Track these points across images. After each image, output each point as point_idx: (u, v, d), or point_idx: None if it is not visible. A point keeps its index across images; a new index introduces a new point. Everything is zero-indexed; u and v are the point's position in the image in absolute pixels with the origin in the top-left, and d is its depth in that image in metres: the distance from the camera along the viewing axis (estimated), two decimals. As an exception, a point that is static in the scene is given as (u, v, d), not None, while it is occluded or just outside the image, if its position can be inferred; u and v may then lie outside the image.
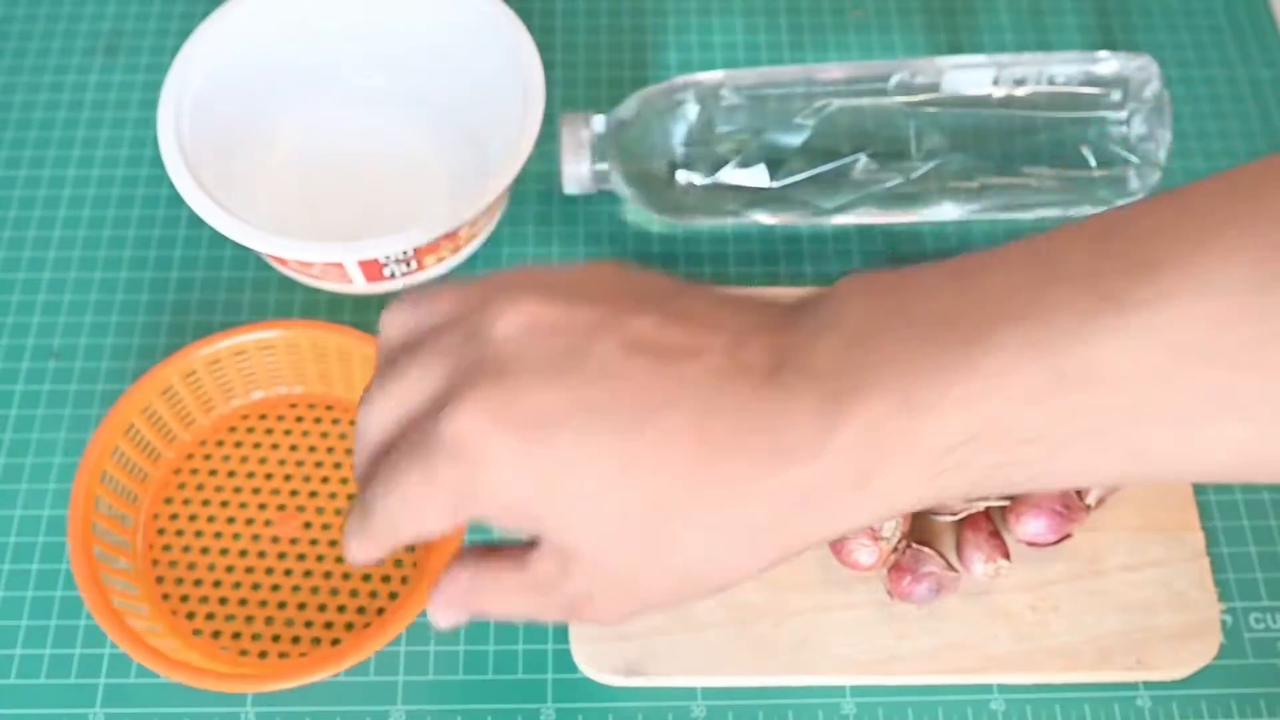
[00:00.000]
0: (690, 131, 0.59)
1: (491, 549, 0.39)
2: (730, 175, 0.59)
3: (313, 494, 0.56)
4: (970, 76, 0.60)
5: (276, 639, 0.53)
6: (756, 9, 0.72)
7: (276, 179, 0.65)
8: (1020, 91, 0.59)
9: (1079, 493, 0.53)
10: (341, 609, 0.54)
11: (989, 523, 0.53)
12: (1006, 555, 0.52)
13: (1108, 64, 0.59)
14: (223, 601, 0.54)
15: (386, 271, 0.58)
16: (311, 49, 0.64)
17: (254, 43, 0.62)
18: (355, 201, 0.64)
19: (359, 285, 0.59)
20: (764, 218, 0.62)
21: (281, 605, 0.54)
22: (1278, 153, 0.36)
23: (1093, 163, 0.59)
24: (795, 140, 0.58)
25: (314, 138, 0.66)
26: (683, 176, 0.59)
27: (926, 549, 0.52)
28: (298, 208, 0.64)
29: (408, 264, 0.57)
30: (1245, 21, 0.72)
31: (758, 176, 0.59)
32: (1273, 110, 0.69)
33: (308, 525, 0.56)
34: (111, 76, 0.70)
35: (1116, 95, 0.58)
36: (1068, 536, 0.53)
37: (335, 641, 0.53)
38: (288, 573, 0.55)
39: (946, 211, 0.61)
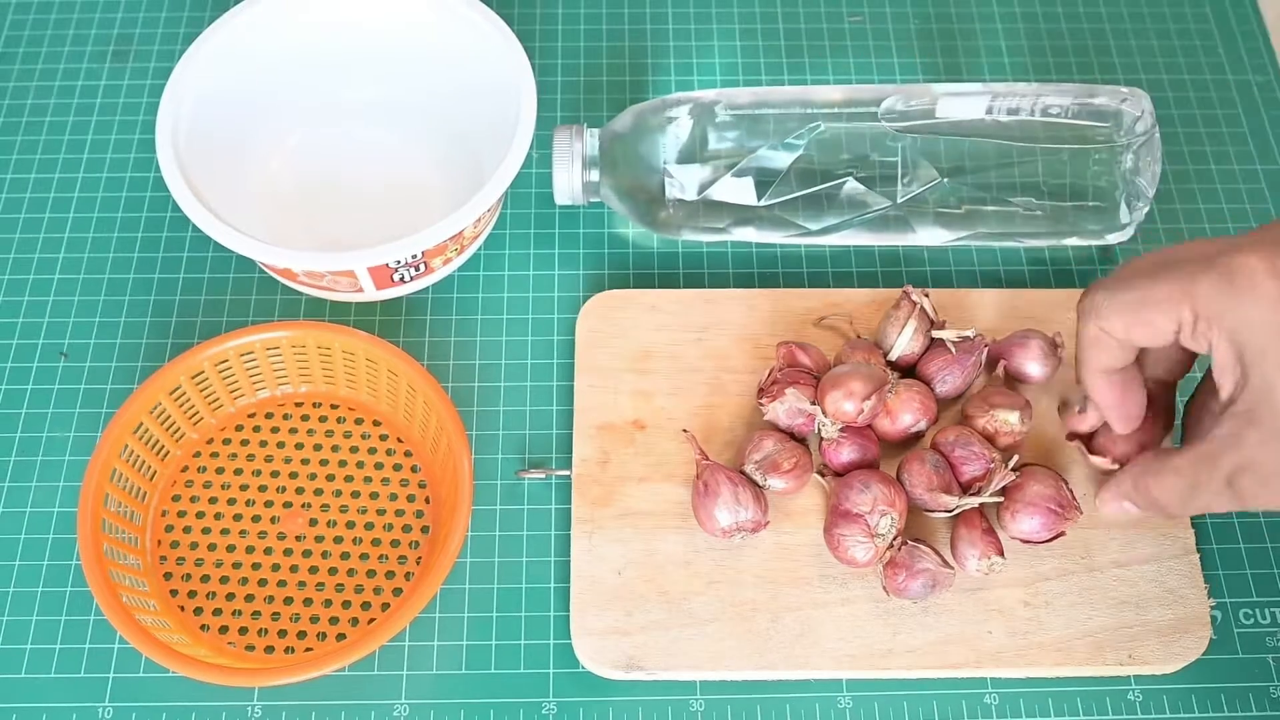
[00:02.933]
0: (682, 148, 0.60)
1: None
2: (719, 192, 0.60)
3: (318, 491, 0.57)
4: (964, 104, 0.60)
5: (283, 634, 0.54)
6: (755, 29, 0.73)
7: (273, 192, 0.65)
8: (1012, 120, 0.59)
9: (1070, 490, 0.54)
10: (346, 604, 0.55)
11: (983, 520, 0.54)
12: (1000, 552, 0.53)
13: (1101, 97, 0.60)
14: (229, 597, 0.55)
15: (396, 276, 0.58)
16: (304, 64, 0.65)
17: (246, 60, 0.63)
18: (349, 211, 0.65)
19: (369, 293, 0.60)
20: (752, 236, 0.63)
21: (287, 601, 0.55)
22: None
23: (1084, 194, 0.59)
24: (785, 160, 0.59)
25: (307, 150, 0.67)
26: (672, 191, 0.60)
27: (921, 546, 0.53)
28: (295, 220, 0.64)
29: (416, 267, 0.58)
30: (1244, 60, 0.72)
31: (746, 194, 0.60)
32: (1272, 146, 0.69)
33: (313, 522, 0.56)
34: (120, 80, 0.71)
35: (1108, 128, 0.59)
36: (1061, 534, 0.54)
37: (340, 636, 0.54)
38: (293, 569, 0.55)
39: (935, 236, 0.62)
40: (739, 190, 0.60)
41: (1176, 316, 0.44)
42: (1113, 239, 0.62)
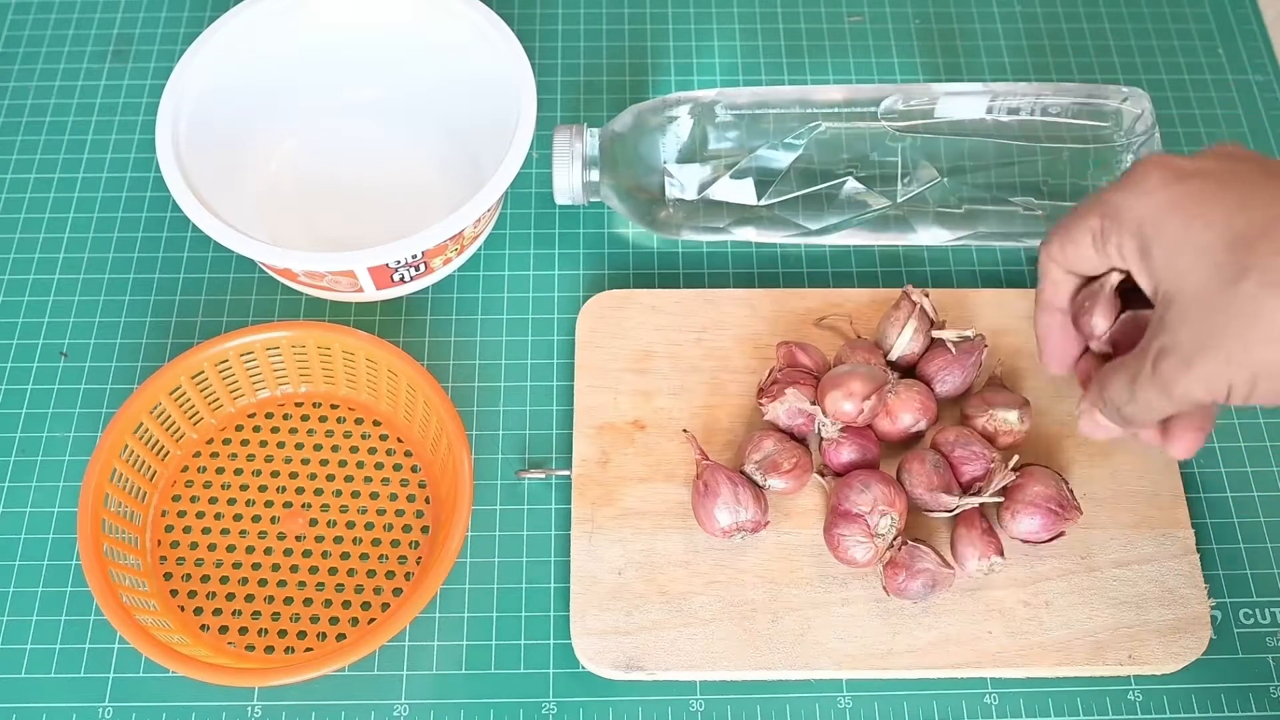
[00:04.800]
0: (682, 147, 0.60)
1: None
2: (719, 191, 0.60)
3: (318, 491, 0.57)
4: (964, 104, 0.60)
5: (283, 634, 0.54)
6: (755, 29, 0.73)
7: (273, 192, 0.65)
8: (1012, 120, 0.59)
9: (1070, 490, 0.54)
10: (346, 604, 0.55)
11: (983, 520, 0.54)
12: (1000, 552, 0.53)
13: (1101, 97, 0.60)
14: (229, 597, 0.55)
15: (396, 276, 0.58)
16: (304, 64, 0.65)
17: (246, 59, 0.63)
18: (349, 211, 0.65)
19: (370, 293, 0.60)
20: (752, 235, 0.63)
21: (287, 601, 0.55)
22: None
23: (1084, 194, 0.59)
24: (785, 160, 0.59)
25: (307, 150, 0.67)
26: (672, 191, 0.60)
27: (921, 546, 0.53)
28: (295, 220, 0.64)
29: (416, 267, 0.58)
30: (1244, 60, 0.72)
31: (745, 194, 0.60)
32: (1271, 146, 0.69)
33: (313, 522, 0.56)
34: (120, 80, 0.71)
35: (1108, 128, 0.59)
36: (1061, 534, 0.54)
37: (340, 636, 0.54)
38: (293, 569, 0.55)
39: (935, 236, 0.62)
40: (739, 190, 0.60)
41: (1089, 226, 0.47)
42: None
